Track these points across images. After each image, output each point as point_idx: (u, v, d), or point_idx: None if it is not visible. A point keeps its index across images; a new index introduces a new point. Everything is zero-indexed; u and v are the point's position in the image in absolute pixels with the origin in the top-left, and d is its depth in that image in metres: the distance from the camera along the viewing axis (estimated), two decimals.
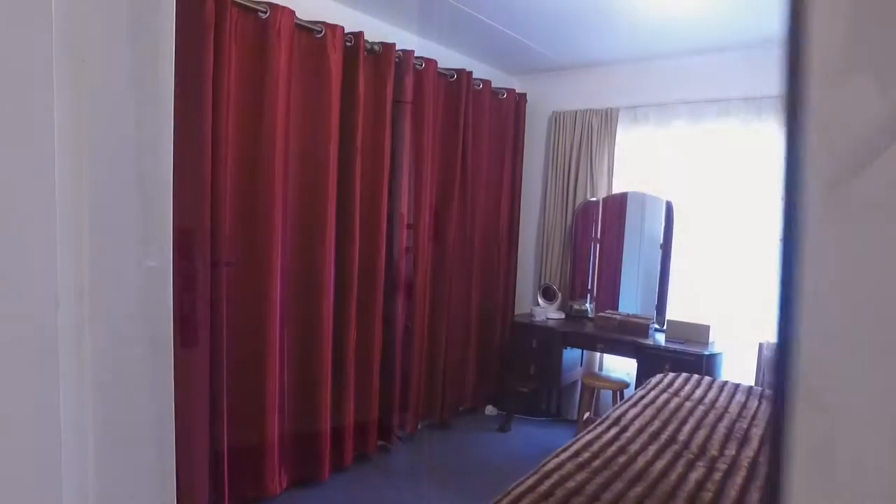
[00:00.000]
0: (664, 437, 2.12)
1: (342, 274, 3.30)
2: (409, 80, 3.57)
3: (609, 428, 2.18)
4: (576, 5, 3.27)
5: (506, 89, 4.46)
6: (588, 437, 2.07)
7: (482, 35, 3.83)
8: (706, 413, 2.44)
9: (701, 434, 2.18)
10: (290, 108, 2.91)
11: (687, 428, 2.23)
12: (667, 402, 2.54)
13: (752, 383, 3.56)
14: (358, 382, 3.47)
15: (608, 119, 4.32)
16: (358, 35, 3.23)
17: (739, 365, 3.84)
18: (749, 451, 2.03)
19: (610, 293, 4.42)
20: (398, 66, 3.52)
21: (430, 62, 3.72)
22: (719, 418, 2.39)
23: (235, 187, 2.77)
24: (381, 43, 3.41)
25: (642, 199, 4.25)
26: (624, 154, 4.35)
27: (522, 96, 4.64)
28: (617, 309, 4.28)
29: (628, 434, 2.12)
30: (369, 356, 3.53)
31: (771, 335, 3.13)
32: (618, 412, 2.37)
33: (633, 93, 4.27)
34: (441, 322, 4.07)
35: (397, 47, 3.48)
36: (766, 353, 3.45)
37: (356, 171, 3.28)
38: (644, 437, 2.10)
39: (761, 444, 2.13)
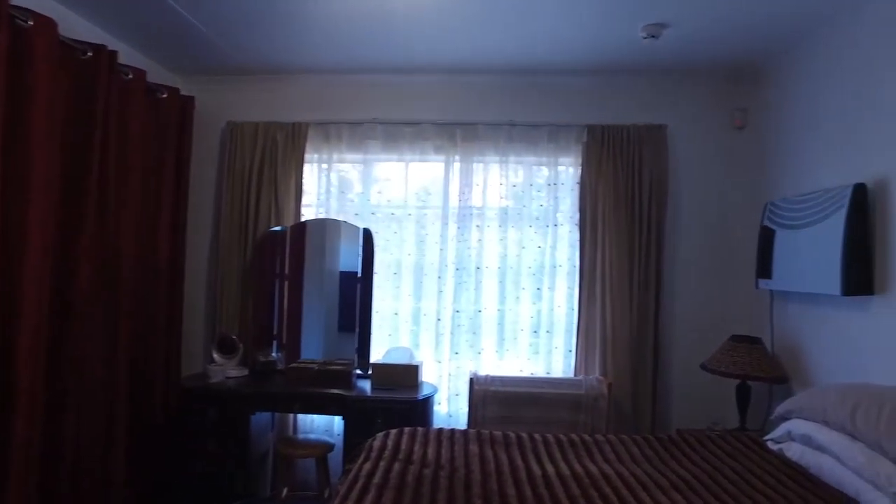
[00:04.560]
0: None
1: None
2: (3, 39, 2.34)
3: None
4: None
5: (167, 87, 3.47)
6: None
7: (138, 6, 2.86)
8: (450, 480, 1.99)
9: None
10: None
11: None
12: (402, 475, 2.01)
13: (467, 419, 3.35)
14: None
15: (296, 135, 3.73)
16: None
17: (450, 400, 3.63)
18: None
19: (302, 338, 3.76)
20: None
21: (46, 21, 2.54)
22: (467, 484, 1.96)
23: None
24: None
25: (336, 227, 3.76)
26: (314, 176, 3.81)
27: (189, 100, 3.69)
28: (312, 356, 3.64)
29: None
30: None
31: (478, 365, 2.90)
32: None
33: (326, 108, 3.79)
34: (67, 397, 2.77)
35: None
36: (478, 385, 3.26)
37: None
38: None
39: None
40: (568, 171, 3.67)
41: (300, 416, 3.70)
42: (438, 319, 3.65)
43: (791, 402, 2.45)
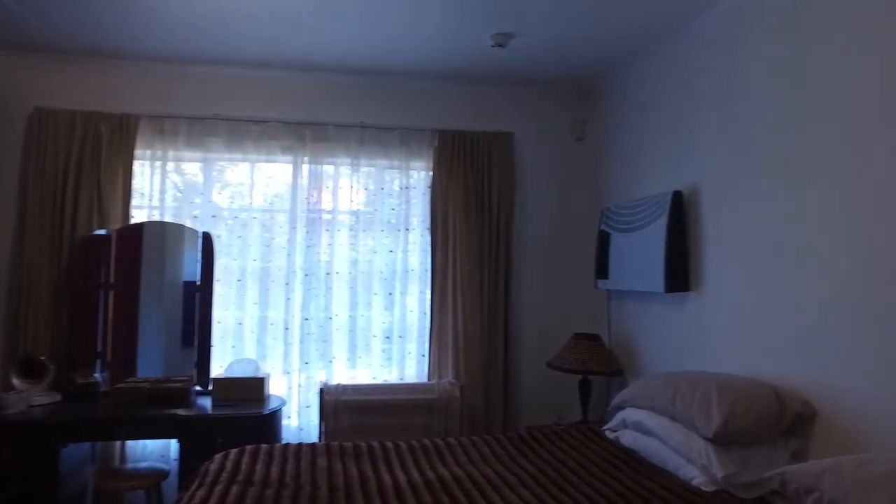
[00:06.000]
0: None
1: None
2: None
3: None
4: None
5: None
6: None
7: None
8: (294, 499, 1.85)
9: None
10: None
11: None
12: (240, 498, 1.83)
13: (319, 431, 3.19)
14: None
15: (125, 128, 3.33)
16: None
17: (300, 412, 3.44)
18: None
19: (132, 355, 3.35)
20: None
21: None
22: (312, 502, 1.83)
23: None
24: None
25: (177, 231, 3.41)
26: (147, 174, 3.43)
27: None
28: (151, 374, 3.25)
29: None
30: None
31: (329, 375, 2.80)
32: None
33: (161, 99, 3.44)
34: None
35: None
36: (328, 395, 3.12)
37: None
38: None
39: None
40: (420, 175, 3.67)
41: (129, 443, 3.29)
42: (286, 328, 3.45)
43: (625, 393, 2.63)
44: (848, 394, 1.93)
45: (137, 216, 3.42)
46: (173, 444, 3.29)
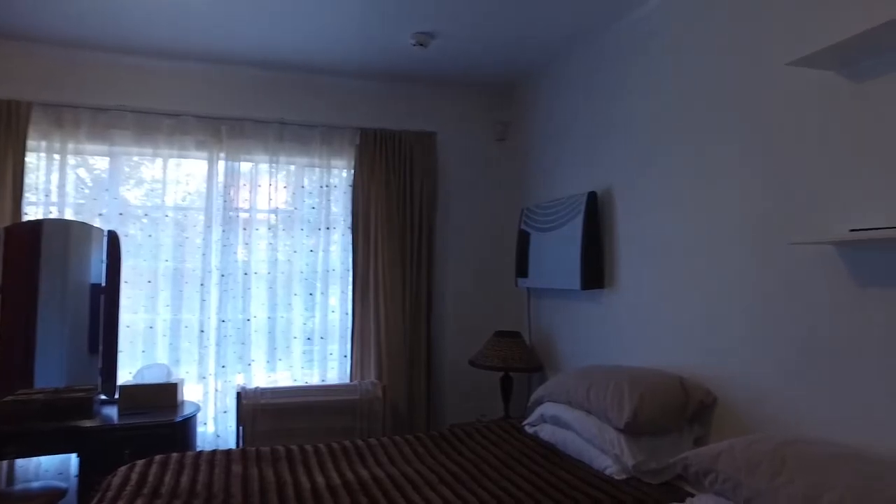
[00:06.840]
0: None
1: None
2: None
3: None
4: None
5: None
6: None
7: None
8: None
9: None
10: None
11: None
12: None
13: (237, 437, 3.07)
14: None
15: (14, 116, 3.07)
16: None
17: (217, 418, 3.29)
18: None
19: (28, 365, 3.08)
20: None
21: None
22: None
23: None
24: None
25: (78, 230, 3.17)
26: (43, 168, 3.18)
27: None
28: (52, 384, 3.00)
29: None
30: None
31: (248, 378, 2.70)
32: None
33: (57, 86, 3.20)
34: None
35: None
36: (246, 399, 3.01)
37: None
38: None
39: None
40: (341, 173, 3.62)
41: (20, 462, 3.03)
42: (202, 331, 3.30)
43: (543, 388, 2.70)
44: (743, 382, 2.07)
45: (32, 213, 3.16)
46: (74, 460, 3.07)
